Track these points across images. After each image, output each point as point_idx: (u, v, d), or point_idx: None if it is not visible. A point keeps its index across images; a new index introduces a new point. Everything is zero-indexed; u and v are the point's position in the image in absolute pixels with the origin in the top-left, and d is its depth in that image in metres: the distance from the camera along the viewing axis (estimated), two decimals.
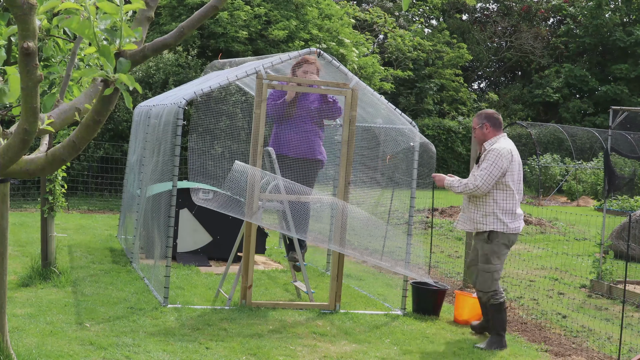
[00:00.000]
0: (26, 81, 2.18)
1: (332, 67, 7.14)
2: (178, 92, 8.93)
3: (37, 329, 5.62)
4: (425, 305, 6.97)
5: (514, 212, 6.18)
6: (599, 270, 8.75)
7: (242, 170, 6.58)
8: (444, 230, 13.46)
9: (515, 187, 6.19)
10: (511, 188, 6.16)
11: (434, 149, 7.26)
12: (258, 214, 6.66)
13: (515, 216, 6.19)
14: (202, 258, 8.80)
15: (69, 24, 2.24)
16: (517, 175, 6.22)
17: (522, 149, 25.91)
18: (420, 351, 5.83)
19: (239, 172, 6.57)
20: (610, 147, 9.15)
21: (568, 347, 6.29)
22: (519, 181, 6.25)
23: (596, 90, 30.98)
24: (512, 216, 6.17)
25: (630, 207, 16.43)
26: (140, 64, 2.40)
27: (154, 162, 7.78)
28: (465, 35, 33.48)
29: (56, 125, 2.67)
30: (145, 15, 2.44)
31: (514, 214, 6.18)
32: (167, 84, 15.67)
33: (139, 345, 5.40)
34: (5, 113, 3.62)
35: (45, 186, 7.27)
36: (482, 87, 37.08)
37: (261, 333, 5.96)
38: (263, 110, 6.64)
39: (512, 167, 6.18)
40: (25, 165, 2.46)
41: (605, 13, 31.64)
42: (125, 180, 10.60)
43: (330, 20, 19.88)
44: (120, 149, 15.30)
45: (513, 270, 9.58)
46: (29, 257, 8.19)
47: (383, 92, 22.31)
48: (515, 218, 6.19)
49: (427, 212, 14.01)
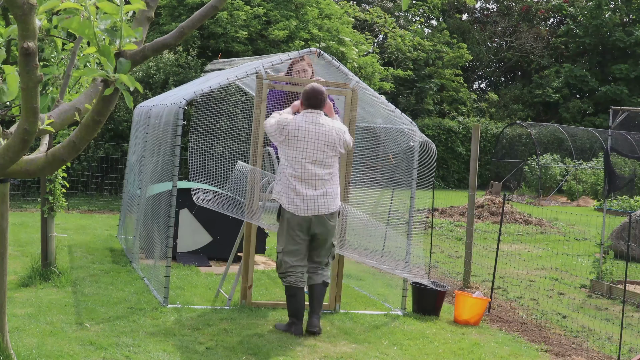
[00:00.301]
0: (26, 81, 2.18)
1: (332, 67, 7.14)
2: (178, 92, 8.93)
3: (37, 329, 5.62)
4: (425, 306, 6.97)
5: (288, 188, 6.00)
6: (599, 270, 8.75)
7: (244, 170, 6.59)
8: (444, 230, 13.47)
9: (290, 163, 6.00)
10: (285, 162, 6.04)
11: (435, 148, 7.26)
12: (258, 214, 6.66)
13: (289, 193, 5.99)
14: (202, 258, 8.80)
15: (69, 24, 2.24)
16: (292, 150, 5.99)
17: (522, 149, 25.96)
18: (420, 351, 5.83)
19: (241, 172, 6.58)
20: (610, 147, 9.15)
21: (568, 347, 6.28)
22: (296, 158, 5.98)
23: (596, 91, 30.99)
24: (286, 192, 6.02)
25: (630, 207, 16.43)
26: (140, 64, 2.40)
27: (154, 162, 7.78)
28: (465, 35, 33.49)
29: (56, 125, 2.67)
30: (145, 15, 2.44)
31: (288, 189, 6.00)
32: (167, 84, 15.67)
33: (139, 345, 5.40)
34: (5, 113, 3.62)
35: (45, 186, 7.27)
36: (482, 87, 37.09)
37: (261, 333, 5.96)
38: (263, 110, 6.63)
39: (287, 140, 6.00)
40: (25, 165, 2.45)
41: (605, 13, 31.65)
42: (125, 180, 10.61)
43: (330, 20, 19.88)
44: (120, 149, 15.30)
45: (513, 270, 9.59)
46: (29, 257, 8.19)
47: (383, 92, 22.31)
48: (291, 197, 5.98)
49: (427, 212, 14.02)
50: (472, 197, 8.62)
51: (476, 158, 8.54)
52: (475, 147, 8.56)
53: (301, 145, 5.99)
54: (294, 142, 5.99)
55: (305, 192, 5.98)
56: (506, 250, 11.14)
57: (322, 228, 6.04)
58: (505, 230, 13.14)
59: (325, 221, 6.05)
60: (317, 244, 6.12)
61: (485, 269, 9.05)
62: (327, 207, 6.03)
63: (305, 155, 5.98)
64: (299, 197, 5.97)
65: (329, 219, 6.07)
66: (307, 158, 5.98)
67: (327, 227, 6.06)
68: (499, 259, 8.37)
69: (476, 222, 14.03)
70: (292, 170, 5.99)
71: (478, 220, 14.60)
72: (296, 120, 6.06)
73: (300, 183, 5.98)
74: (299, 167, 5.99)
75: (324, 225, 6.04)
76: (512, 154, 25.82)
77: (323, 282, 6.16)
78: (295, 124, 6.02)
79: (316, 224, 6.02)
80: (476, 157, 8.54)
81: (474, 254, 8.85)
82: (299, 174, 5.98)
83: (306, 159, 5.99)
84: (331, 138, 6.05)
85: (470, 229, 8.67)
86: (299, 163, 5.99)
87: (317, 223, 6.02)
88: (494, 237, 12.39)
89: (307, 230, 6.03)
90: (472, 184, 8.63)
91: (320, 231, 6.04)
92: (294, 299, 6.03)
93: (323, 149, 6.02)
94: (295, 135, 6.00)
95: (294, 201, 5.98)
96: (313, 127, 6.02)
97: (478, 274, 9.25)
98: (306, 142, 6.00)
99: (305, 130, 6.01)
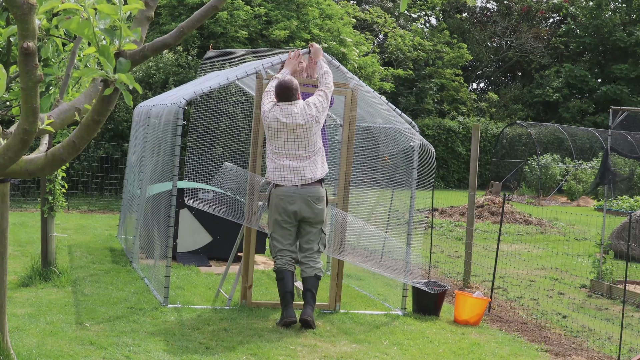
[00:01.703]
0: (26, 81, 2.18)
1: (331, 67, 7.14)
2: (178, 92, 8.93)
3: (37, 329, 5.62)
4: (426, 305, 6.97)
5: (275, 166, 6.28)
6: (599, 270, 8.75)
7: (231, 169, 6.67)
8: (444, 230, 13.46)
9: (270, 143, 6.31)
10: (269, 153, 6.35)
11: (434, 150, 7.26)
12: (258, 214, 6.66)
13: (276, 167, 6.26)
14: (202, 258, 8.80)
15: (68, 24, 2.24)
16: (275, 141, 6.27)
17: (522, 148, 25.96)
18: (420, 351, 5.82)
19: (228, 170, 6.66)
20: (610, 147, 9.15)
21: (568, 347, 6.28)
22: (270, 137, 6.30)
23: (596, 90, 30.99)
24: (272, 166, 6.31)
25: (630, 207, 16.43)
26: (140, 64, 2.40)
27: (154, 162, 7.79)
28: (465, 35, 33.48)
29: (56, 125, 2.67)
30: (145, 15, 2.44)
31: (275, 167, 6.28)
32: (167, 84, 15.67)
33: (139, 345, 5.40)
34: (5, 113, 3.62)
35: (45, 186, 7.27)
36: (482, 87, 37.09)
37: (261, 333, 5.95)
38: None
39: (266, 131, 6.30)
40: (25, 165, 2.45)
41: (605, 13, 31.65)
42: (125, 180, 10.61)
43: (332, 20, 19.88)
44: (120, 149, 15.30)
45: (513, 270, 9.59)
46: (29, 257, 8.19)
47: (383, 92, 22.30)
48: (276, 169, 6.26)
49: (427, 212, 14.01)
50: (472, 197, 8.62)
51: (476, 158, 8.54)
52: (475, 147, 8.56)
53: (280, 141, 6.23)
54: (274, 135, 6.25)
55: (290, 164, 6.20)
56: (506, 250, 11.14)
57: (309, 211, 6.18)
58: (505, 230, 13.14)
59: (312, 204, 6.17)
60: (305, 230, 6.26)
61: (485, 269, 9.05)
62: (314, 175, 6.20)
63: (285, 151, 6.23)
64: (285, 169, 6.20)
65: (315, 202, 6.19)
66: (287, 155, 6.23)
67: (314, 210, 6.19)
68: (499, 259, 8.38)
69: (476, 222, 14.03)
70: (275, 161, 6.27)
71: (478, 220, 14.60)
72: (272, 112, 6.24)
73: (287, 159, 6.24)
74: (280, 160, 6.25)
75: (311, 207, 6.18)
76: (512, 154, 25.82)
77: (315, 275, 6.24)
78: (272, 117, 6.23)
79: (303, 208, 6.17)
80: (476, 157, 8.54)
81: (474, 253, 8.85)
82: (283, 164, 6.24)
83: (286, 156, 6.23)
84: (301, 128, 6.21)
85: (470, 229, 8.67)
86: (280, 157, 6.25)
87: (304, 206, 6.17)
88: (494, 237, 12.39)
89: (293, 215, 6.19)
90: (472, 184, 8.63)
91: (307, 215, 6.18)
92: (282, 282, 6.15)
93: (299, 142, 6.21)
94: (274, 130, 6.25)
95: (281, 174, 6.20)
96: (288, 120, 6.21)
97: (478, 274, 9.25)
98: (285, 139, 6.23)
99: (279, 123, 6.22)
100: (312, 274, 6.24)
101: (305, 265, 6.26)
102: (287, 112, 6.19)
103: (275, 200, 6.22)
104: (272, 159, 6.27)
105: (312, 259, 6.27)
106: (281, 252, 6.22)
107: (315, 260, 6.28)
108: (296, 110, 6.20)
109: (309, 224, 6.26)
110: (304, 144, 6.21)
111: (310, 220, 6.23)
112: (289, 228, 6.24)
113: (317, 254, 6.31)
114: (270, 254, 6.41)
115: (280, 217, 6.20)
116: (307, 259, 6.27)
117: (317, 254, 6.32)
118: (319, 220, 6.25)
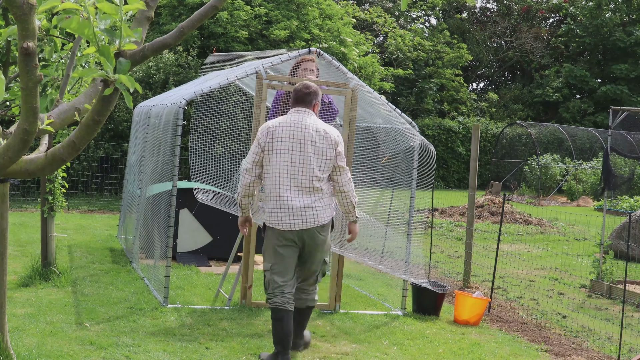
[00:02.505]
0: (26, 81, 2.18)
1: (332, 67, 7.14)
2: (178, 92, 8.93)
3: (37, 329, 5.62)
4: (425, 305, 6.97)
5: (271, 198, 5.24)
6: (599, 270, 8.75)
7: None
8: (444, 230, 13.46)
9: (273, 169, 5.20)
10: (267, 169, 5.22)
11: (434, 150, 7.26)
12: (258, 214, 6.66)
13: (272, 205, 5.23)
14: (202, 258, 8.80)
15: (68, 24, 2.24)
16: (277, 154, 5.19)
17: (522, 149, 25.95)
18: (420, 351, 5.83)
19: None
20: (610, 147, 9.14)
21: (568, 347, 6.28)
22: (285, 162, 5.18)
23: (596, 90, 31.00)
24: (269, 204, 5.25)
25: (630, 207, 16.43)
26: (140, 64, 2.40)
27: (154, 162, 7.79)
28: (465, 35, 33.49)
29: (56, 125, 2.67)
30: (145, 15, 2.44)
31: (271, 200, 5.24)
32: (167, 84, 15.67)
33: (139, 345, 5.40)
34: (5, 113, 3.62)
35: (45, 186, 7.27)
36: (482, 87, 37.09)
37: (261, 333, 5.95)
38: (263, 110, 6.64)
39: (270, 143, 5.21)
40: (25, 165, 2.45)
41: (605, 13, 31.65)
42: (125, 180, 10.61)
43: (332, 20, 19.89)
44: (120, 149, 15.30)
45: (513, 270, 9.59)
46: (29, 257, 8.19)
47: (383, 91, 22.31)
48: (273, 208, 5.22)
49: (427, 212, 14.01)
50: (472, 197, 8.62)
51: (476, 158, 8.54)
52: (475, 147, 8.56)
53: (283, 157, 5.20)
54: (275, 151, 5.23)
55: (292, 202, 5.18)
56: (506, 250, 11.14)
57: (310, 241, 5.26)
58: (505, 230, 13.14)
59: (315, 234, 5.25)
60: (304, 259, 5.36)
61: (485, 269, 9.05)
62: (317, 219, 5.23)
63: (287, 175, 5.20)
64: (283, 210, 5.19)
65: (319, 231, 5.27)
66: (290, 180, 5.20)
67: (316, 240, 5.27)
68: (499, 259, 8.38)
69: (476, 222, 14.03)
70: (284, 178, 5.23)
71: (478, 220, 14.60)
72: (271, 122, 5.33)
73: (286, 192, 5.20)
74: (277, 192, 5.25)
75: (313, 238, 5.25)
76: (512, 154, 25.82)
77: (307, 306, 5.51)
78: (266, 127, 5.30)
79: (304, 237, 5.25)
80: (476, 157, 8.54)
81: (474, 254, 8.85)
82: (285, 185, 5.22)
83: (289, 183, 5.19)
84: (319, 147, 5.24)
85: (470, 229, 8.67)
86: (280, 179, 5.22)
87: (305, 236, 5.24)
88: (494, 237, 12.39)
89: (294, 244, 5.26)
90: (472, 184, 8.63)
91: (308, 243, 5.27)
92: (280, 324, 5.19)
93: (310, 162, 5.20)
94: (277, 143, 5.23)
95: (277, 215, 5.21)
96: (298, 132, 5.24)
97: (478, 274, 9.25)
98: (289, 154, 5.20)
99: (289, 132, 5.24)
100: (304, 305, 5.48)
101: (299, 297, 5.43)
102: (298, 120, 5.28)
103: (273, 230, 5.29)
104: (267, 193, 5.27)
105: (307, 290, 5.47)
106: (280, 289, 5.21)
107: (309, 291, 5.49)
108: (310, 122, 5.28)
109: (309, 254, 5.34)
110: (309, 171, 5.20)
111: (311, 250, 5.32)
112: (290, 254, 5.26)
113: (314, 284, 5.50)
114: (264, 289, 5.38)
115: (279, 241, 5.23)
116: (302, 290, 5.45)
117: (314, 283, 5.51)
118: (322, 250, 5.36)
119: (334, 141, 5.26)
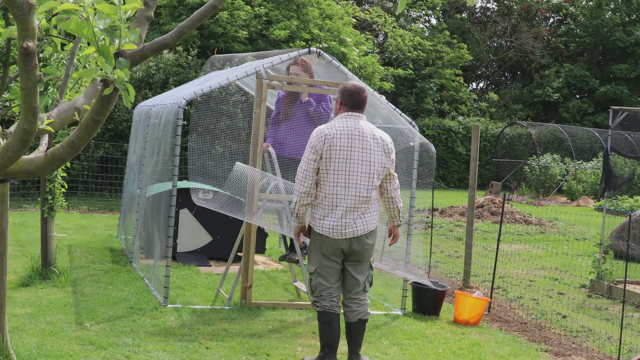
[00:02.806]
0: (25, 81, 2.18)
1: (332, 67, 7.14)
2: (178, 92, 8.93)
3: (37, 329, 5.62)
4: (425, 305, 6.97)
5: (324, 206, 5.12)
6: (599, 270, 8.75)
7: (243, 171, 6.58)
8: (444, 230, 13.46)
9: (331, 178, 5.08)
10: (325, 177, 5.09)
11: (434, 150, 7.26)
12: (258, 214, 6.65)
13: (325, 212, 5.12)
14: (202, 258, 8.80)
15: (67, 25, 2.24)
16: (336, 162, 5.07)
17: (522, 149, 25.96)
18: (420, 351, 5.83)
19: (239, 172, 6.57)
20: (610, 147, 9.15)
21: (568, 347, 6.28)
22: (343, 171, 5.08)
23: (596, 90, 31.00)
24: (321, 211, 5.14)
25: (630, 207, 16.43)
26: (139, 63, 2.40)
27: (153, 162, 7.79)
28: (465, 35, 33.49)
29: (56, 125, 2.67)
30: (145, 15, 2.44)
31: (325, 208, 5.12)
32: (167, 84, 15.68)
33: (139, 345, 5.40)
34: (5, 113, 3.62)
35: (45, 186, 7.27)
36: (482, 87, 37.09)
37: (261, 333, 5.95)
38: (263, 110, 6.64)
39: (328, 151, 5.07)
40: (24, 165, 2.45)
41: (605, 13, 31.66)
42: (125, 180, 10.61)
43: (332, 20, 19.89)
44: (120, 149, 15.30)
45: (513, 270, 9.59)
46: (29, 257, 8.19)
47: (383, 91, 22.31)
48: (325, 215, 5.12)
49: (427, 212, 14.01)
50: (472, 197, 8.62)
51: (476, 158, 8.54)
52: (475, 147, 8.56)
53: (342, 166, 5.08)
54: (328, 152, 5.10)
55: (347, 212, 5.11)
56: (506, 250, 11.14)
57: (358, 247, 5.16)
58: (505, 230, 13.14)
59: (364, 240, 5.15)
60: (350, 265, 5.22)
61: (485, 269, 9.05)
62: (367, 226, 5.16)
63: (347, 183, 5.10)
64: (337, 219, 5.10)
65: (367, 237, 5.18)
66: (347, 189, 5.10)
67: (364, 246, 5.16)
68: (499, 259, 8.37)
69: (476, 222, 14.04)
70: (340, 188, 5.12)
71: (478, 220, 14.60)
72: (324, 128, 5.15)
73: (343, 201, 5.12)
74: None
75: (361, 245, 5.16)
76: (512, 154, 25.82)
77: (359, 320, 5.22)
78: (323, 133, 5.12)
79: (353, 244, 5.15)
80: (476, 157, 8.54)
81: (474, 254, 8.85)
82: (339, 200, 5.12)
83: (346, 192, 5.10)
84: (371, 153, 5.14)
85: (470, 229, 8.67)
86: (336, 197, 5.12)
87: (354, 243, 5.15)
88: (494, 237, 12.39)
89: (341, 252, 5.17)
90: (472, 184, 8.63)
91: (356, 249, 5.16)
92: (329, 327, 5.15)
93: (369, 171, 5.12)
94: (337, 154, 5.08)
95: (330, 224, 5.11)
96: (357, 140, 5.11)
97: (478, 274, 9.25)
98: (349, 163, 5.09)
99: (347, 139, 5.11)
100: (356, 318, 5.21)
101: (349, 309, 5.22)
102: (355, 126, 5.13)
103: (320, 235, 5.18)
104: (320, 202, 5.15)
105: (357, 300, 5.22)
106: (328, 292, 5.15)
107: (361, 302, 5.23)
108: (366, 129, 5.16)
109: (355, 259, 5.21)
110: (367, 180, 5.11)
111: (357, 257, 5.19)
112: (336, 261, 5.17)
113: (363, 293, 5.26)
114: (310, 293, 5.33)
115: (327, 247, 5.13)
116: (351, 300, 5.22)
117: (363, 293, 5.27)
118: (369, 255, 5.24)
119: (390, 149, 5.21)
